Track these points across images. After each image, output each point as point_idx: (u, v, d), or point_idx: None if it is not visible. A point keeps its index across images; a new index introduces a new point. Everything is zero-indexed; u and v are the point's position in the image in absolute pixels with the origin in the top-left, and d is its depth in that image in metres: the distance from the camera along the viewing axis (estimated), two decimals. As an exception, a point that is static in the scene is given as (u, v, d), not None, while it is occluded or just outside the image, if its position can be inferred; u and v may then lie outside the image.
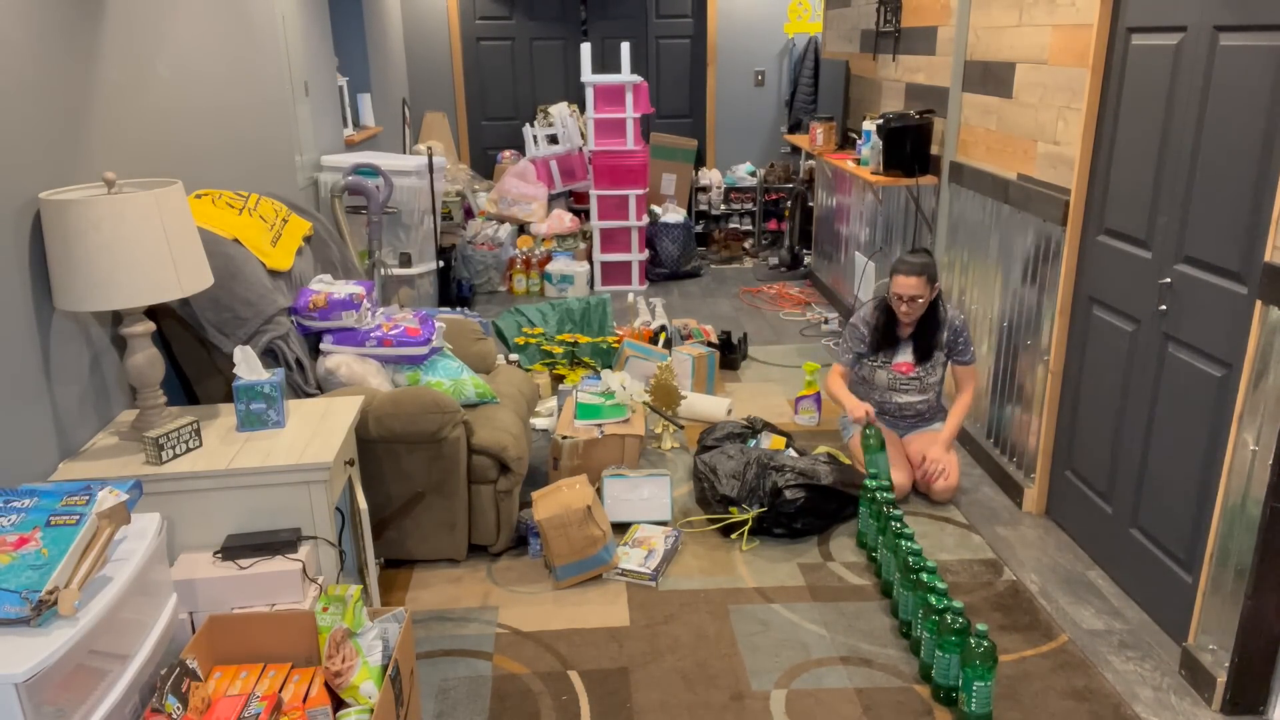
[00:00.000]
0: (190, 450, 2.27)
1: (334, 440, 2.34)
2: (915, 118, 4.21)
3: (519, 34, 7.46)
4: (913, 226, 4.51)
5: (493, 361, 3.61)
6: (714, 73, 7.41)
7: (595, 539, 2.94)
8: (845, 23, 5.62)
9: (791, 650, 2.65)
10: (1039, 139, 3.28)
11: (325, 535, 2.29)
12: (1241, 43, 2.33)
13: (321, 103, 4.80)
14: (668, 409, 3.87)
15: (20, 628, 1.54)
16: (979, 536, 3.24)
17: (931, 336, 3.51)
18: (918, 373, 3.57)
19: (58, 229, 2.07)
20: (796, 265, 6.84)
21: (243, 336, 2.64)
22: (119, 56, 2.59)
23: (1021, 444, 3.47)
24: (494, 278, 6.39)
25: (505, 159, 7.21)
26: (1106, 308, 2.97)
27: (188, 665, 1.82)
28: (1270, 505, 2.20)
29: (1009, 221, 3.51)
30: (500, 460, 3.00)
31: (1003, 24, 3.53)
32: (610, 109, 6.10)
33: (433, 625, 2.78)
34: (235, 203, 2.97)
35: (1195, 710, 2.40)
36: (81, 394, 2.32)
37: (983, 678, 2.28)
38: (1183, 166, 2.57)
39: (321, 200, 4.72)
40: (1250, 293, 2.33)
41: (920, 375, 3.58)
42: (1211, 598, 2.44)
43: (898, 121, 4.22)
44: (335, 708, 1.93)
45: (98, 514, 1.69)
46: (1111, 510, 2.97)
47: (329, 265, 3.44)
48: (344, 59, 5.73)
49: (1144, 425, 2.78)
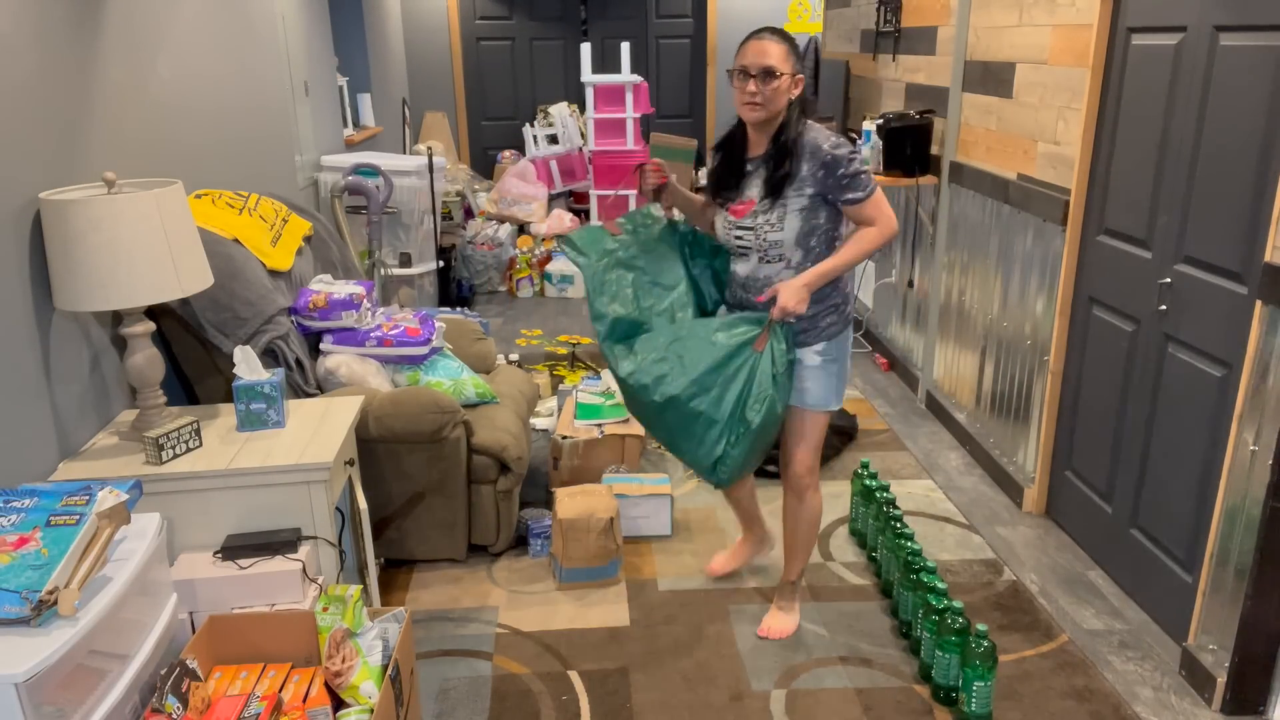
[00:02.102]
0: (190, 450, 2.27)
1: (334, 440, 2.34)
2: (915, 118, 4.21)
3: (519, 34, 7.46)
4: (913, 227, 4.51)
5: (493, 361, 3.61)
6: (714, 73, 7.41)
7: (609, 551, 2.95)
8: (845, 23, 5.62)
9: (791, 650, 2.65)
10: (1039, 139, 3.28)
11: (325, 535, 2.29)
12: (1241, 43, 2.33)
13: (321, 103, 4.80)
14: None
15: (20, 628, 1.54)
16: (979, 536, 3.24)
17: (782, 163, 2.36)
18: (755, 219, 2.40)
19: (58, 229, 2.07)
20: (796, 265, 6.82)
21: (243, 336, 2.64)
22: (119, 56, 2.59)
23: (1021, 444, 3.47)
24: (494, 278, 6.38)
25: (505, 159, 7.21)
26: (1106, 308, 2.97)
27: (188, 665, 1.82)
28: (1270, 505, 2.20)
29: (1009, 221, 3.51)
30: (500, 460, 3.00)
31: (1003, 24, 3.53)
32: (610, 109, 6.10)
33: (433, 625, 2.78)
34: (235, 203, 2.97)
35: (1195, 710, 2.40)
36: (81, 394, 2.32)
37: (983, 678, 2.28)
38: (1183, 166, 2.57)
39: (321, 200, 4.72)
40: (1250, 293, 2.32)
41: (756, 225, 2.40)
42: (1211, 598, 2.44)
43: (898, 121, 4.22)
44: (335, 708, 1.93)
45: (98, 514, 1.69)
46: (1111, 510, 2.97)
47: (329, 265, 3.44)
48: (344, 59, 5.73)
49: (1144, 425, 2.78)
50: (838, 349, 2.50)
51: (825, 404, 2.53)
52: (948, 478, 3.67)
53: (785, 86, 2.33)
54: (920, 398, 4.42)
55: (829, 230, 2.46)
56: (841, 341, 2.51)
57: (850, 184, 2.36)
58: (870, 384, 4.66)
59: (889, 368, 4.85)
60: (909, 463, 3.79)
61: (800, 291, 2.35)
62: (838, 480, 3.62)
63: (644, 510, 3.23)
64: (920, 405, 4.38)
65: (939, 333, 4.23)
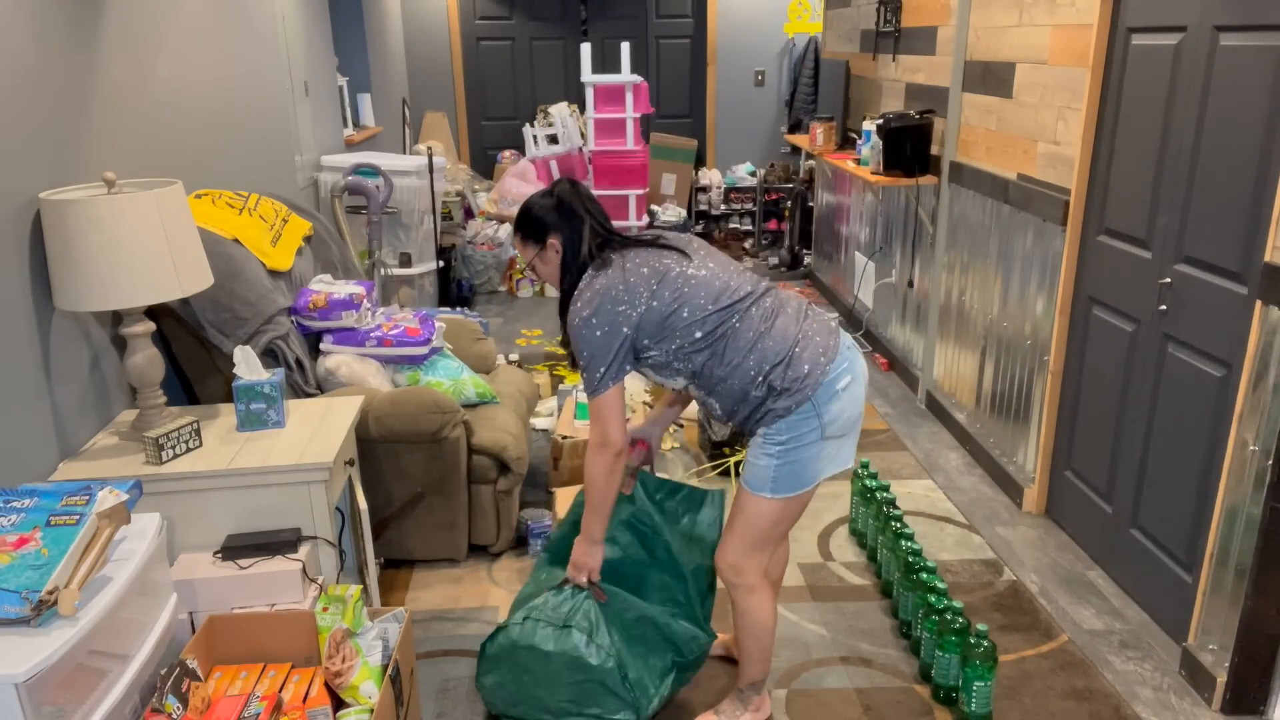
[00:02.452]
0: (190, 450, 2.27)
1: (334, 440, 2.34)
2: (915, 118, 4.21)
3: (519, 34, 7.46)
4: (913, 227, 4.51)
5: (493, 361, 3.61)
6: (714, 73, 7.41)
7: None
8: (845, 23, 5.62)
9: (791, 650, 2.65)
10: (1039, 139, 3.28)
11: (325, 535, 2.29)
12: (1241, 43, 2.33)
13: (321, 103, 4.80)
14: (668, 409, 3.87)
15: (20, 628, 1.54)
16: (979, 536, 3.24)
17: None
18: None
19: (58, 229, 2.07)
20: (796, 265, 6.84)
21: (243, 336, 2.64)
22: (119, 56, 2.59)
23: (1021, 444, 3.47)
24: (494, 278, 6.39)
25: (505, 159, 7.21)
26: (1106, 308, 2.97)
27: (188, 665, 1.82)
28: (1270, 505, 2.20)
29: (1009, 221, 3.51)
30: (500, 460, 3.00)
31: (1003, 24, 3.53)
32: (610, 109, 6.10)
33: (433, 625, 2.78)
34: (235, 203, 2.97)
35: (1195, 710, 2.40)
36: (81, 394, 2.32)
37: (983, 678, 2.28)
38: (1183, 166, 2.57)
39: (321, 200, 4.72)
40: (1250, 293, 2.32)
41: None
42: (1211, 598, 2.44)
43: (898, 121, 4.22)
44: (335, 708, 1.93)
45: (98, 514, 1.69)
46: (1111, 510, 2.97)
47: (329, 265, 3.44)
48: (344, 59, 5.73)
49: (1144, 425, 2.78)
50: (789, 431, 2.03)
51: (758, 488, 2.09)
52: (948, 478, 3.67)
53: (541, 260, 2.16)
54: (920, 398, 4.42)
55: (679, 348, 2.06)
56: (795, 424, 2.03)
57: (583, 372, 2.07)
58: (870, 384, 4.66)
59: (889, 368, 4.85)
60: (909, 463, 3.79)
61: (581, 546, 2.22)
62: (838, 480, 3.62)
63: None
64: (920, 405, 4.38)
65: (939, 333, 4.23)
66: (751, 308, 2.07)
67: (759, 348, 2.04)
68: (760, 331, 2.05)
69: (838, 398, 2.05)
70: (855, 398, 2.08)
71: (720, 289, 2.06)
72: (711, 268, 2.11)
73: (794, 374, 2.02)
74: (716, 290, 2.06)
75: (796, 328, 2.07)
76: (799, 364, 2.03)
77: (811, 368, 2.03)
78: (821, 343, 2.07)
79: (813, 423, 2.04)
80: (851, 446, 2.15)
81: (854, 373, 2.08)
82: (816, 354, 2.04)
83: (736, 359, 2.04)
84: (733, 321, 2.05)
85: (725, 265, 2.14)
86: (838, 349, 2.08)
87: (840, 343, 2.10)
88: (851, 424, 2.10)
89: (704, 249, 2.18)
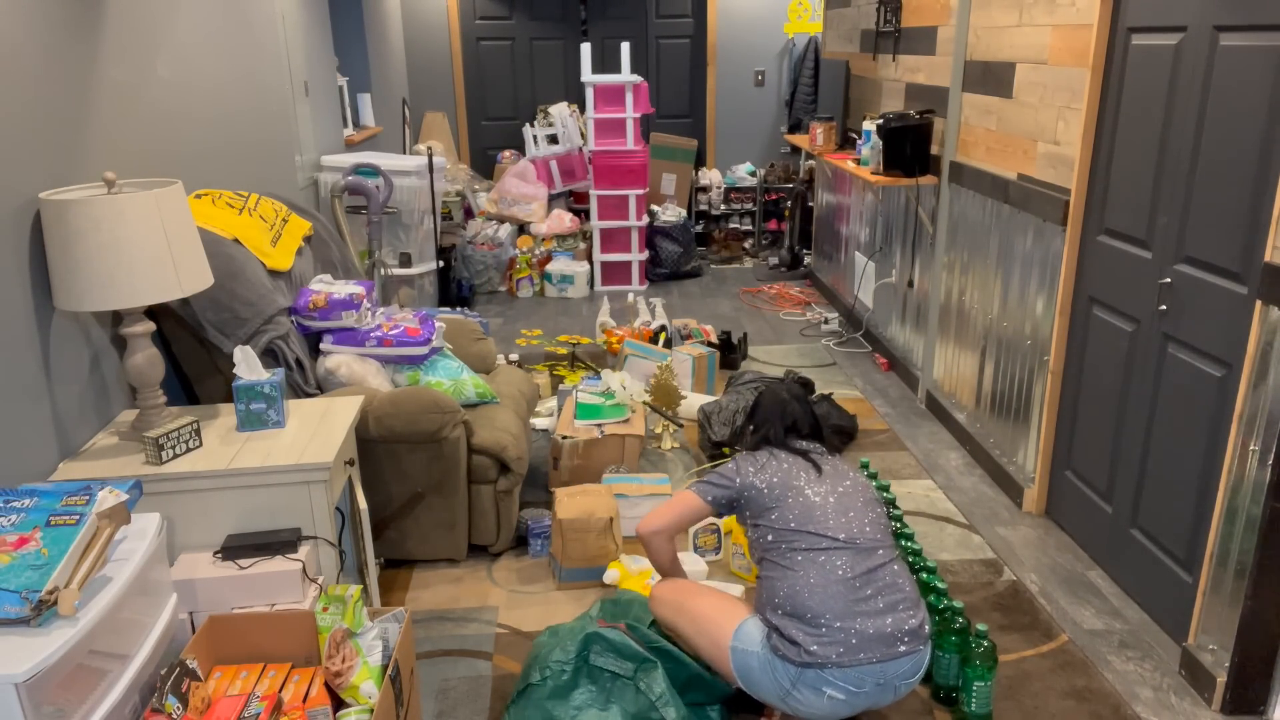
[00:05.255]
0: (190, 450, 2.27)
1: (334, 440, 2.34)
2: (915, 118, 4.21)
3: (519, 34, 7.46)
4: (913, 227, 4.51)
5: (493, 361, 3.61)
6: (714, 73, 7.41)
7: (609, 552, 2.95)
8: (845, 23, 5.62)
9: (791, 650, 2.65)
10: (1039, 139, 3.28)
11: (325, 535, 2.29)
12: (1241, 43, 2.33)
13: (321, 103, 4.80)
14: (668, 409, 3.87)
15: (20, 628, 1.54)
16: (979, 536, 3.24)
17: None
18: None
19: (58, 229, 2.07)
20: (796, 265, 6.84)
21: (243, 336, 2.64)
22: (119, 56, 2.59)
23: (1021, 444, 3.47)
24: (494, 278, 6.39)
25: (505, 159, 7.21)
26: (1106, 308, 2.97)
27: (188, 665, 1.82)
28: (1270, 505, 2.20)
29: (1009, 221, 3.51)
30: (500, 460, 3.00)
31: (1003, 24, 3.53)
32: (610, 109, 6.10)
33: (433, 625, 2.78)
34: (235, 203, 2.97)
35: (1195, 710, 2.40)
36: (81, 394, 2.32)
37: (983, 678, 2.28)
38: (1183, 166, 2.57)
39: (321, 200, 4.72)
40: (1250, 293, 2.33)
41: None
42: (1211, 598, 2.44)
43: (898, 121, 4.22)
44: (335, 708, 1.93)
45: (98, 514, 1.69)
46: (1111, 510, 2.97)
47: (329, 265, 3.44)
48: (344, 59, 5.73)
49: (1144, 425, 2.78)
50: (772, 663, 2.05)
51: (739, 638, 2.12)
52: (948, 478, 3.67)
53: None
54: (920, 397, 4.42)
55: (757, 532, 2.23)
56: (775, 663, 2.03)
57: None
58: (870, 384, 4.66)
59: (889, 368, 4.85)
60: (909, 463, 3.79)
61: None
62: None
63: (644, 510, 3.22)
64: (920, 405, 4.38)
65: (939, 333, 4.23)
66: (821, 555, 2.08)
67: (796, 590, 2.05)
68: (811, 584, 2.04)
69: (818, 695, 1.99)
70: (834, 707, 2.00)
71: (815, 517, 2.13)
72: (828, 499, 2.17)
73: (802, 637, 2.00)
74: (813, 517, 2.13)
75: (845, 607, 2.01)
76: (814, 639, 1.99)
77: (819, 651, 1.97)
78: (854, 644, 1.98)
79: (784, 683, 2.02)
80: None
81: (853, 699, 1.99)
82: (834, 648, 1.97)
83: (777, 577, 2.10)
84: (798, 546, 2.10)
85: (845, 508, 2.16)
86: (861, 664, 1.97)
87: (867, 660, 1.97)
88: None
89: (841, 484, 2.23)
